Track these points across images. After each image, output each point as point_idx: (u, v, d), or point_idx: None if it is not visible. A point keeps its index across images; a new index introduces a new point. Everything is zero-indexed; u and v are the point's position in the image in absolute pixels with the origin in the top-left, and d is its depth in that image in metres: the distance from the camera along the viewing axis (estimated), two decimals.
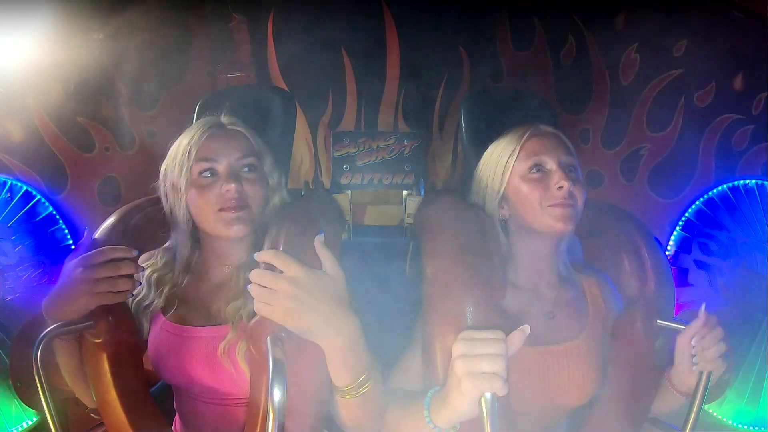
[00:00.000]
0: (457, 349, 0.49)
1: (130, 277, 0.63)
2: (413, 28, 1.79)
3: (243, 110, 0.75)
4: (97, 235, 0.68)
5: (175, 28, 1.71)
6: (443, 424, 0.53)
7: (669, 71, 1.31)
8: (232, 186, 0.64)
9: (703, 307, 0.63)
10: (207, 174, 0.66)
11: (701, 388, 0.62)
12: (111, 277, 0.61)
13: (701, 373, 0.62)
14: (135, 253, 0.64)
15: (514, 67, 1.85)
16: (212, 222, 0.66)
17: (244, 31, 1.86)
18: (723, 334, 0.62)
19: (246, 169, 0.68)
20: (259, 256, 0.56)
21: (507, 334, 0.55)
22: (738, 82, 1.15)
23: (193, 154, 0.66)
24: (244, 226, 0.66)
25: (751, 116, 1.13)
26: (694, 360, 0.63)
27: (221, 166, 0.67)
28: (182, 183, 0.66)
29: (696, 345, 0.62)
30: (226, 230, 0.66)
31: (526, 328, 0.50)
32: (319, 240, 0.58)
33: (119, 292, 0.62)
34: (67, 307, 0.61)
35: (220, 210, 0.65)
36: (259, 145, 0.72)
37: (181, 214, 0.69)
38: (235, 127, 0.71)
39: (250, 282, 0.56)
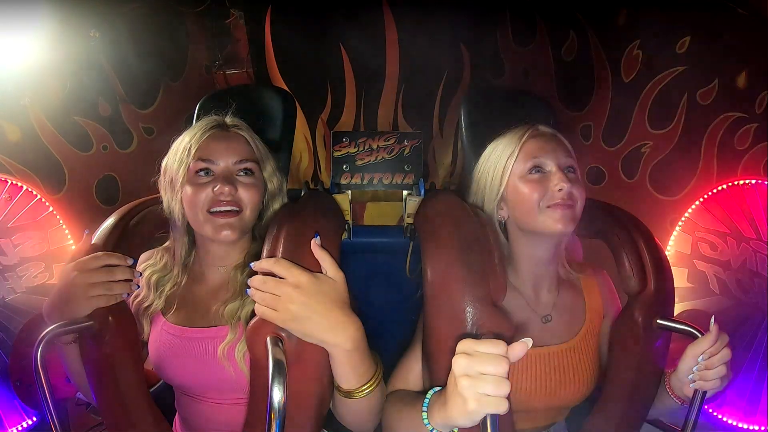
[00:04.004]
0: (460, 365, 0.47)
1: (126, 281, 0.63)
2: (413, 24, 1.77)
3: (243, 110, 0.74)
4: (95, 237, 0.68)
5: (172, 24, 1.69)
6: (441, 427, 0.53)
7: (671, 68, 1.29)
8: (226, 189, 0.64)
9: (713, 320, 0.62)
10: (203, 173, 0.66)
11: (697, 403, 0.63)
12: (106, 282, 0.61)
13: (696, 389, 0.63)
14: (130, 261, 0.64)
15: (515, 63, 1.83)
16: (201, 222, 0.66)
17: (242, 27, 1.85)
18: (729, 356, 0.61)
19: (243, 173, 0.68)
20: (257, 266, 0.56)
21: (506, 334, 0.56)
22: (741, 80, 1.14)
23: (193, 151, 0.66)
24: (233, 231, 0.66)
25: (754, 115, 1.11)
26: (692, 375, 0.62)
27: (218, 168, 0.67)
28: (179, 179, 0.67)
29: (701, 361, 0.62)
30: (214, 234, 0.66)
31: (529, 342, 0.48)
32: (315, 243, 0.58)
33: (114, 295, 0.62)
34: (65, 310, 0.61)
35: (210, 211, 0.65)
36: (260, 149, 0.72)
37: (176, 210, 0.69)
38: (237, 130, 0.71)
39: (249, 285, 0.56)
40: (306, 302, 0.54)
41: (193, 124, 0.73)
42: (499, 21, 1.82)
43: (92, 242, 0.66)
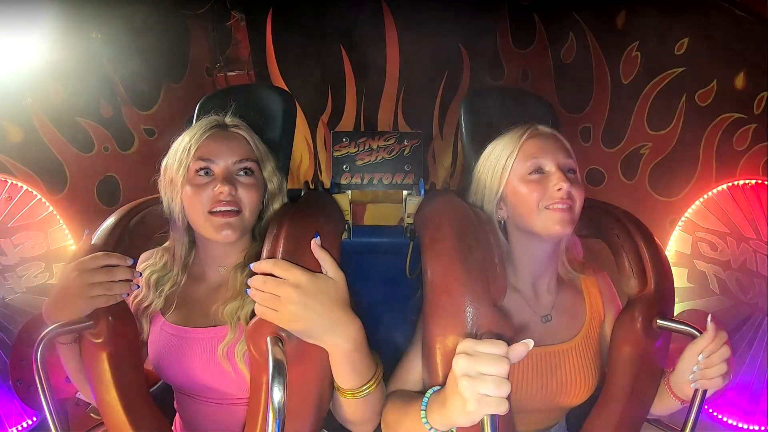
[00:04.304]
0: (460, 365, 0.47)
1: (126, 281, 0.63)
2: (413, 25, 1.78)
3: (243, 110, 0.75)
4: (95, 237, 0.68)
5: (173, 26, 1.70)
6: (440, 427, 0.53)
7: (670, 69, 1.30)
8: (225, 189, 0.64)
9: (709, 318, 0.62)
10: (203, 173, 0.67)
11: (697, 402, 0.63)
12: (106, 282, 0.61)
13: (696, 389, 0.63)
14: (130, 261, 0.64)
15: (515, 65, 1.84)
16: (202, 223, 0.66)
17: (243, 29, 1.86)
18: (729, 354, 0.61)
19: (242, 173, 0.68)
20: (257, 267, 0.56)
21: (506, 335, 0.56)
22: (739, 81, 1.14)
23: (192, 151, 0.66)
24: (233, 231, 0.65)
25: (753, 115, 1.11)
26: (693, 374, 0.62)
27: (217, 167, 0.67)
28: (179, 179, 0.67)
29: (701, 360, 0.61)
30: (214, 234, 0.66)
31: (530, 343, 0.48)
32: (315, 243, 0.58)
33: (114, 295, 0.62)
34: (65, 310, 0.61)
35: (211, 212, 0.65)
36: (260, 149, 0.72)
37: (176, 210, 0.69)
38: (237, 130, 0.71)
39: (249, 285, 0.56)
40: (306, 302, 0.54)
41: (193, 123, 0.74)
42: (498, 23, 1.83)
43: (92, 242, 0.66)
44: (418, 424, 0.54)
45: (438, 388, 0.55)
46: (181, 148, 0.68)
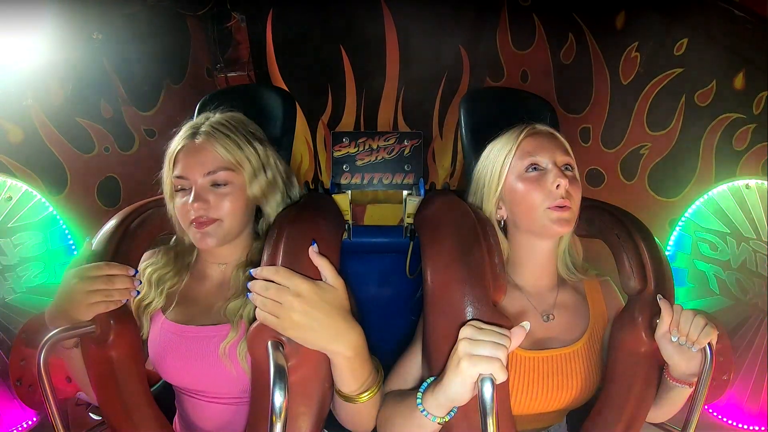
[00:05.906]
0: (464, 331, 0.52)
1: (126, 288, 0.64)
2: (412, 26, 1.78)
3: (243, 110, 0.75)
4: (96, 239, 0.68)
5: (174, 27, 1.70)
6: (435, 409, 0.53)
7: (669, 70, 1.30)
8: (196, 205, 0.65)
9: (658, 297, 0.64)
10: (180, 188, 0.68)
11: (697, 402, 0.62)
12: (106, 290, 0.62)
13: (699, 377, 0.62)
14: (132, 272, 0.64)
15: (514, 66, 1.84)
16: (188, 232, 0.69)
17: (243, 30, 1.86)
18: (694, 313, 0.61)
19: (215, 184, 0.67)
20: (258, 273, 0.57)
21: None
22: (739, 81, 1.14)
23: (172, 165, 0.68)
24: (212, 239, 0.67)
25: (752, 115, 1.11)
26: (692, 348, 0.61)
27: (190, 183, 0.67)
28: (167, 191, 0.70)
29: (678, 337, 0.61)
30: (197, 243, 0.68)
31: (527, 324, 0.52)
32: (313, 250, 0.58)
33: (114, 301, 0.63)
34: (66, 316, 0.62)
35: (191, 223, 0.67)
36: (234, 153, 0.67)
37: (174, 216, 0.71)
38: (206, 139, 0.67)
39: (250, 289, 0.56)
40: (307, 311, 0.54)
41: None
42: (498, 24, 1.84)
43: (93, 245, 0.67)
44: (413, 410, 0.55)
45: (435, 378, 0.56)
46: (166, 160, 0.69)
